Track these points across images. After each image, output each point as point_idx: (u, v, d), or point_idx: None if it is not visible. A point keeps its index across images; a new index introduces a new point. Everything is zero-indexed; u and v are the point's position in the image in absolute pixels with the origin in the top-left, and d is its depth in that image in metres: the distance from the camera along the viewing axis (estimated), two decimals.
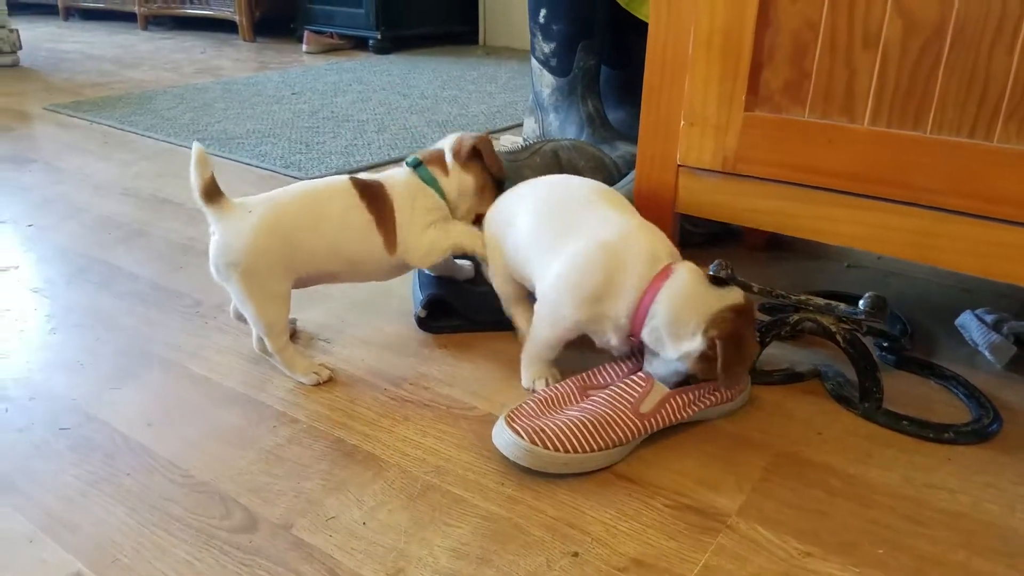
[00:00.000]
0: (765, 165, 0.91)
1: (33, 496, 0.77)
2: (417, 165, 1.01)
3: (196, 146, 0.88)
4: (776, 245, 1.37)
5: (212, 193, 0.90)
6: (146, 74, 3.01)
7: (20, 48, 3.20)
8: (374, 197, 0.97)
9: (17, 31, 3.18)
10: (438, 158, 1.01)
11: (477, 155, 0.99)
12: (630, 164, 1.59)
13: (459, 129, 2.16)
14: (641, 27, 1.57)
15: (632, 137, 1.77)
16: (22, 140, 2.05)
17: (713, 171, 0.94)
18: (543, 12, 1.69)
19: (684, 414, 0.85)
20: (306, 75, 2.99)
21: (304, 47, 3.58)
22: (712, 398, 0.87)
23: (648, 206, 1.00)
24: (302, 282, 0.97)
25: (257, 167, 1.82)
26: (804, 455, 0.85)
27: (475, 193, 1.01)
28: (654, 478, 0.80)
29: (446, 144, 1.03)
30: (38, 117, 2.31)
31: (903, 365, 0.99)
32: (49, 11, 4.84)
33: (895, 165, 0.84)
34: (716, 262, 0.81)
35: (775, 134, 0.89)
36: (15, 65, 3.17)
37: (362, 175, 0.99)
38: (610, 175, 1.49)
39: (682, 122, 0.94)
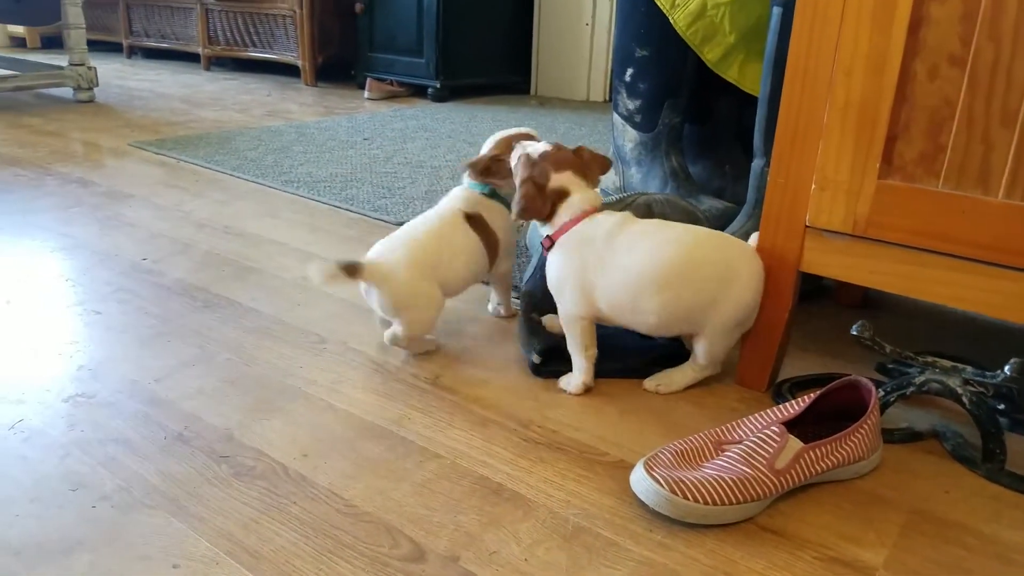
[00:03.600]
0: (895, 231, 0.95)
1: (209, 520, 0.81)
2: (492, 194, 1.22)
3: (318, 275, 1.06)
4: (870, 303, 1.41)
5: (351, 272, 1.08)
6: (218, 114, 3.10)
7: (97, 85, 3.32)
8: (481, 226, 1.19)
9: (95, 68, 3.30)
10: (494, 167, 1.19)
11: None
12: (717, 218, 1.64)
13: None
14: (725, 87, 1.64)
15: (713, 191, 1.82)
16: (116, 176, 2.13)
17: (842, 233, 0.98)
18: (630, 71, 1.75)
19: (819, 467, 0.88)
20: (373, 121, 3.07)
21: (366, 93, 3.68)
22: (843, 451, 0.90)
23: (772, 263, 1.04)
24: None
25: (347, 210, 1.88)
26: (936, 513, 0.87)
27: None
28: (797, 531, 0.84)
29: (495, 149, 1.21)
30: (125, 153, 2.40)
31: (1017, 428, 1.02)
32: (111, 48, 5.00)
33: None
34: (860, 323, 0.85)
35: (907, 202, 0.94)
36: (91, 101, 3.29)
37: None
38: None
39: (813, 186, 0.99)
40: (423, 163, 2.40)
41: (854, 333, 0.86)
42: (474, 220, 1.19)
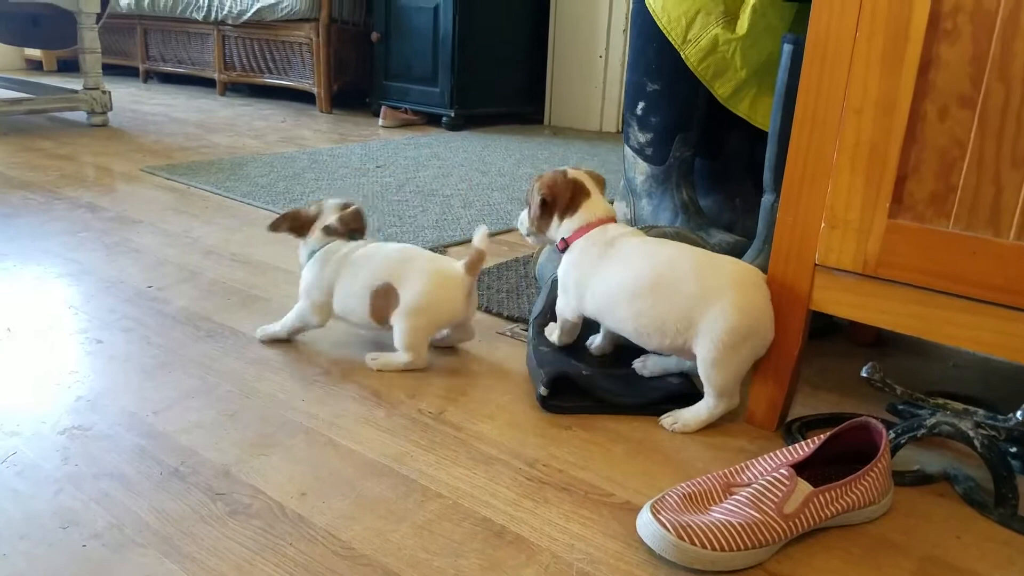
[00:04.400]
0: (906, 270, 0.94)
1: (202, 561, 0.80)
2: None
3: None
4: (883, 342, 1.38)
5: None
6: (231, 140, 3.12)
7: (111, 109, 3.34)
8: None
9: (109, 92, 3.32)
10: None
11: None
12: (727, 252, 1.62)
13: None
14: (736, 121, 1.63)
15: (723, 224, 1.81)
16: (126, 200, 2.14)
17: (852, 272, 0.97)
18: (641, 104, 1.75)
19: (828, 512, 0.86)
20: (386, 148, 3.08)
21: (381, 121, 3.70)
22: (853, 496, 0.88)
23: (781, 302, 1.02)
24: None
25: None
26: (947, 559, 0.85)
27: None
28: None
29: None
30: (136, 178, 2.41)
31: None
32: (127, 72, 5.05)
33: None
34: (870, 364, 0.84)
35: (918, 242, 0.92)
36: (105, 125, 3.31)
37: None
38: None
39: (823, 224, 0.97)
40: (435, 191, 2.40)
41: (864, 375, 0.84)
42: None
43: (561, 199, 1.17)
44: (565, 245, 1.17)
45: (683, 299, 1.03)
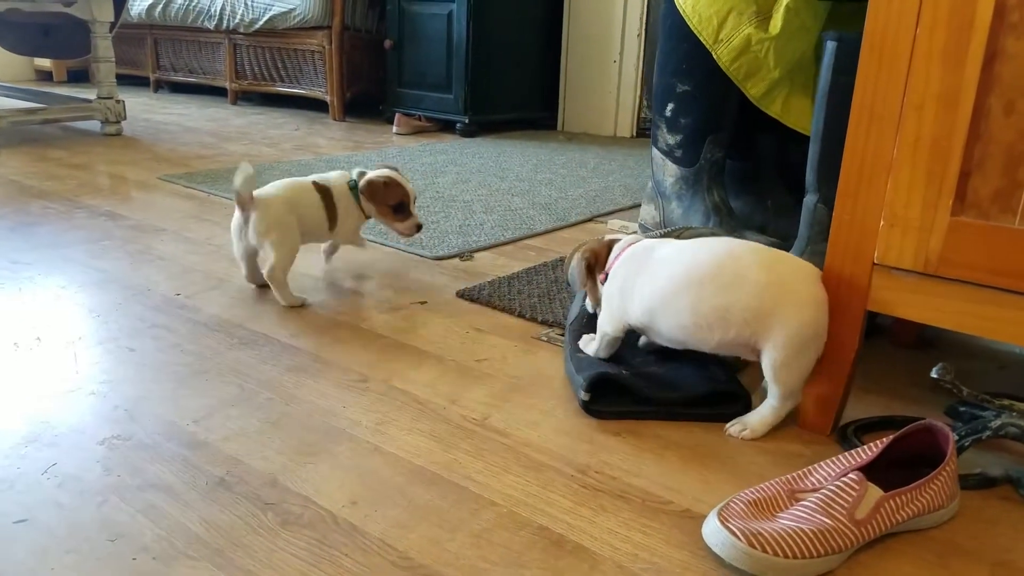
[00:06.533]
0: (969, 269, 0.91)
1: (256, 573, 0.77)
2: (353, 187, 1.56)
3: (247, 167, 1.36)
4: (926, 343, 1.36)
5: (248, 200, 1.40)
6: (246, 148, 3.11)
7: (125, 118, 3.33)
8: (328, 198, 1.53)
9: (123, 102, 3.31)
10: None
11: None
12: None
13: (566, 212, 2.20)
14: (767, 122, 1.61)
15: (755, 226, 1.78)
16: (146, 209, 2.12)
17: (913, 272, 0.94)
18: (670, 106, 1.72)
19: (899, 517, 0.83)
20: (402, 155, 3.07)
21: (394, 128, 3.68)
22: (923, 500, 0.85)
23: (838, 301, 1.00)
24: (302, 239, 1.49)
25: (381, 244, 1.85)
26: (1020, 565, 0.82)
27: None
28: None
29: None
30: (154, 187, 2.39)
31: None
32: (137, 82, 5.05)
33: None
34: (941, 365, 0.81)
35: (982, 240, 0.90)
36: (119, 134, 3.30)
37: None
38: None
39: (882, 222, 0.95)
40: (455, 197, 2.38)
41: (935, 375, 0.82)
42: (324, 191, 1.52)
43: (600, 257, 1.19)
44: (606, 276, 1.17)
45: (752, 287, 0.99)
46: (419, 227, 1.60)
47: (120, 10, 3.38)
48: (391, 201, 1.56)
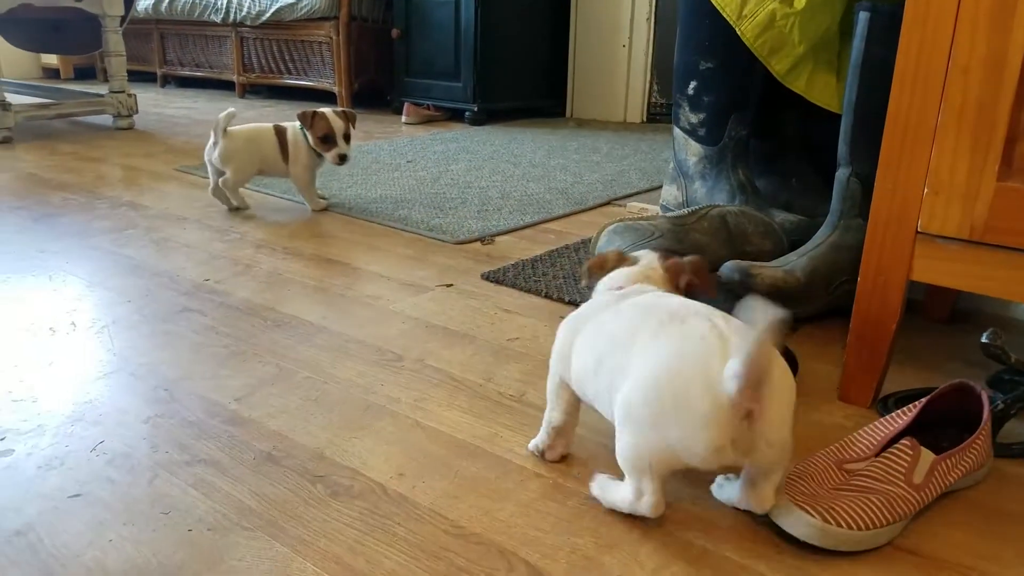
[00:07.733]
0: (1016, 235, 0.91)
1: (312, 543, 0.77)
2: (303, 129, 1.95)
3: (232, 109, 1.91)
4: (958, 318, 1.35)
5: (222, 132, 1.89)
6: None
7: (136, 112, 3.33)
8: (283, 136, 1.96)
9: (135, 96, 3.31)
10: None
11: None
12: (791, 232, 1.60)
13: (583, 196, 2.20)
14: (790, 99, 1.60)
15: (780, 204, 1.78)
16: (166, 199, 2.12)
17: (957, 239, 0.94)
18: (693, 84, 1.72)
19: (950, 479, 0.83)
20: (413, 144, 3.06)
21: (404, 118, 3.68)
22: (969, 460, 0.85)
23: (880, 272, 1.00)
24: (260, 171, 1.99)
25: (403, 230, 1.85)
26: None
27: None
28: (933, 550, 0.79)
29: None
30: (172, 177, 2.39)
31: None
32: (144, 77, 5.05)
33: None
34: (991, 331, 0.81)
35: None
36: (130, 128, 3.30)
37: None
38: (780, 241, 1.50)
39: (925, 190, 0.95)
40: (470, 183, 2.37)
41: (985, 340, 0.82)
42: (280, 132, 1.96)
43: (606, 266, 0.93)
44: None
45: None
46: (342, 156, 1.95)
47: (130, 5, 3.38)
48: (319, 132, 1.92)
